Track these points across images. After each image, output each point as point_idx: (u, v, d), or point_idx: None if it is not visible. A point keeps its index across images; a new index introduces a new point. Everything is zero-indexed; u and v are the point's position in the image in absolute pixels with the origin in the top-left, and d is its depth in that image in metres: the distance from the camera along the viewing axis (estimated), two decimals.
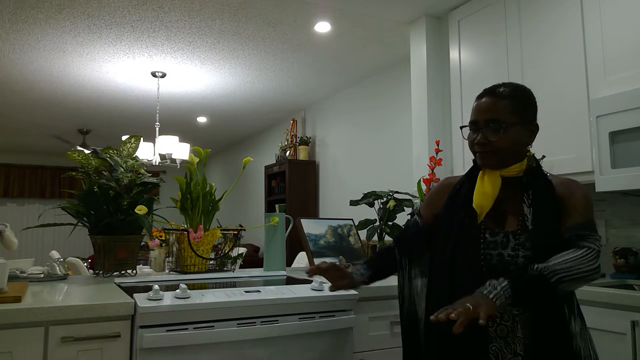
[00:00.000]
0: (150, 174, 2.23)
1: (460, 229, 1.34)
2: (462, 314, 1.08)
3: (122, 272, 2.10)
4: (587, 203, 1.31)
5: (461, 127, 1.44)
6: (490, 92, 1.35)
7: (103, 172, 2.12)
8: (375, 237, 2.61)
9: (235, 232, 2.31)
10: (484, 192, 1.34)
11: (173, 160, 4.75)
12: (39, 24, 3.57)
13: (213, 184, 2.25)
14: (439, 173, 2.65)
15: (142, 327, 1.44)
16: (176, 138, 4.65)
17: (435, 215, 1.47)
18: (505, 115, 1.31)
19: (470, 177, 1.42)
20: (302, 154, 5.80)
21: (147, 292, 1.51)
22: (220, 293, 1.59)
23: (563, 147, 2.34)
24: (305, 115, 6.09)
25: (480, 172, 1.38)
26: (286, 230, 2.44)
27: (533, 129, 1.36)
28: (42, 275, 1.93)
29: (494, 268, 1.28)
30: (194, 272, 2.16)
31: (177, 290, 1.52)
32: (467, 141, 1.40)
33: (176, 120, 6.58)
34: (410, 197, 2.63)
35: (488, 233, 1.32)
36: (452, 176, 1.54)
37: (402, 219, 2.58)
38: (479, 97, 1.37)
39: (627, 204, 2.43)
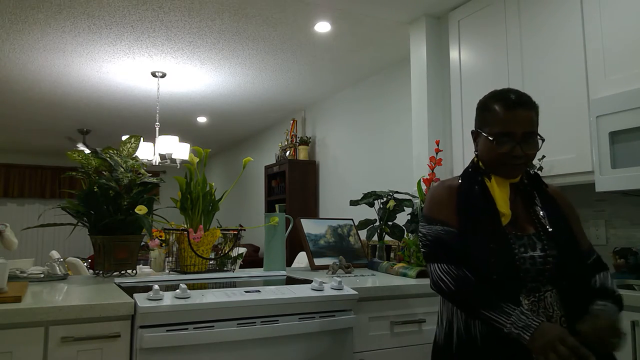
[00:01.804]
0: (150, 174, 2.23)
1: (488, 236, 1.30)
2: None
3: (122, 272, 2.10)
4: (580, 220, 1.45)
5: (481, 134, 1.36)
6: (522, 103, 1.31)
7: (103, 172, 2.12)
8: (375, 237, 2.61)
9: (235, 232, 2.31)
10: (504, 198, 1.34)
11: (173, 160, 4.75)
12: (39, 24, 3.57)
13: (213, 184, 2.26)
14: (439, 173, 2.65)
15: (142, 327, 1.44)
16: (176, 138, 4.65)
17: (455, 220, 1.36)
18: (536, 127, 1.33)
19: (477, 182, 1.38)
20: (302, 154, 5.80)
21: (147, 292, 1.51)
22: (220, 293, 1.59)
23: (563, 147, 2.34)
24: (305, 115, 6.09)
25: (493, 178, 1.36)
26: (286, 230, 2.44)
27: None
28: (42, 275, 1.93)
29: (527, 272, 1.29)
30: (194, 272, 2.16)
31: (177, 290, 1.52)
32: (490, 150, 1.33)
33: (176, 120, 6.58)
34: (410, 197, 2.63)
35: (514, 237, 1.31)
36: (446, 180, 1.47)
37: (402, 218, 2.58)
38: (510, 107, 1.30)
39: (627, 204, 2.43)
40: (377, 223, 2.61)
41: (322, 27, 3.63)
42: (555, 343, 1.10)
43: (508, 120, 1.30)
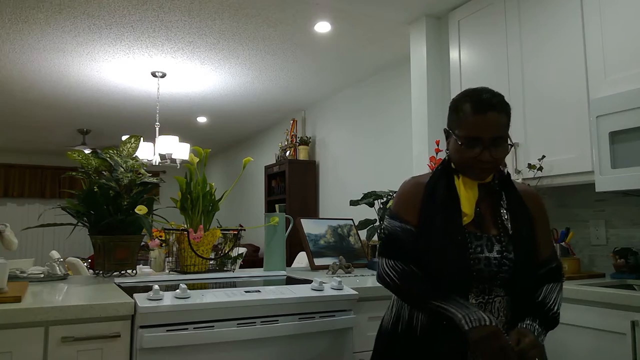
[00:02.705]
0: (150, 174, 2.23)
1: (445, 232, 1.31)
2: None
3: (122, 272, 2.10)
4: (549, 224, 1.43)
5: (452, 134, 1.35)
6: (493, 105, 1.28)
7: (103, 172, 2.12)
8: (375, 237, 2.62)
9: (235, 232, 2.31)
10: (469, 198, 1.34)
11: (173, 160, 4.75)
12: (39, 24, 3.57)
13: (213, 184, 2.25)
14: None
15: (142, 327, 1.44)
16: (176, 138, 4.65)
17: (416, 217, 1.37)
18: (506, 130, 1.31)
19: (445, 180, 1.37)
20: (302, 154, 5.80)
21: (147, 292, 1.51)
22: (220, 293, 1.60)
23: (563, 147, 2.34)
24: (305, 115, 6.09)
25: (461, 178, 1.35)
26: (286, 230, 2.44)
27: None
28: (42, 275, 1.93)
29: (480, 272, 1.29)
30: (194, 272, 2.16)
31: (177, 290, 1.52)
32: (458, 152, 1.32)
33: (176, 120, 6.58)
34: None
35: (472, 236, 1.32)
36: (418, 176, 1.47)
37: None
38: (480, 110, 1.28)
39: (627, 204, 2.43)
40: (377, 223, 2.61)
41: (322, 27, 3.63)
42: (496, 346, 1.16)
43: (477, 124, 1.27)
